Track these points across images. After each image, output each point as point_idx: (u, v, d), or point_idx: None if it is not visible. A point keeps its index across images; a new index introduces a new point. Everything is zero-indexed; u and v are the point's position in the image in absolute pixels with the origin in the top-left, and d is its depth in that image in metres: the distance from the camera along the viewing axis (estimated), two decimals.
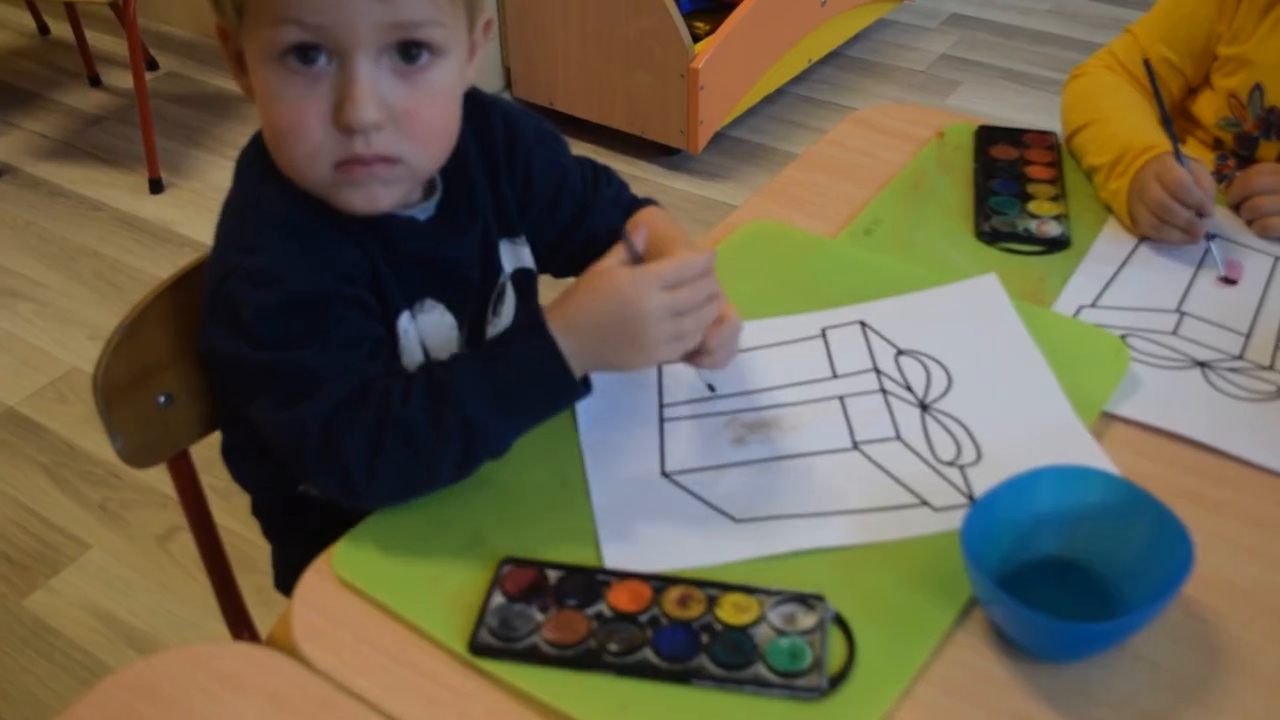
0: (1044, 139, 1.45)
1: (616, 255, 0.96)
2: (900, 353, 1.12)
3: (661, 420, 1.05)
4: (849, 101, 3.19)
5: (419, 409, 0.89)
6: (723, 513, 0.96)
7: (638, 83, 2.79)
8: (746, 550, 0.93)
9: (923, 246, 1.26)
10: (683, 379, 1.08)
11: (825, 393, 1.08)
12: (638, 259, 0.97)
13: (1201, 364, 1.12)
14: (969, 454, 1.02)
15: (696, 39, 2.74)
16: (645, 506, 0.96)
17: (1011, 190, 1.35)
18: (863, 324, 1.15)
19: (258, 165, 0.97)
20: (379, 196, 0.93)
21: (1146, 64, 1.32)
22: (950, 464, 1.01)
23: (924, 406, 1.06)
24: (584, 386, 0.93)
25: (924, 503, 0.96)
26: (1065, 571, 0.90)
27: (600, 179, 1.16)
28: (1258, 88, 1.36)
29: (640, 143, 2.90)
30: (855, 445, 1.02)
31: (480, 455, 0.93)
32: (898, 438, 1.03)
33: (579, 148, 2.98)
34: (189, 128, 3.15)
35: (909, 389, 1.08)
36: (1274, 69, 1.35)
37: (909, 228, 1.30)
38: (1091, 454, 1.00)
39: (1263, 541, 0.95)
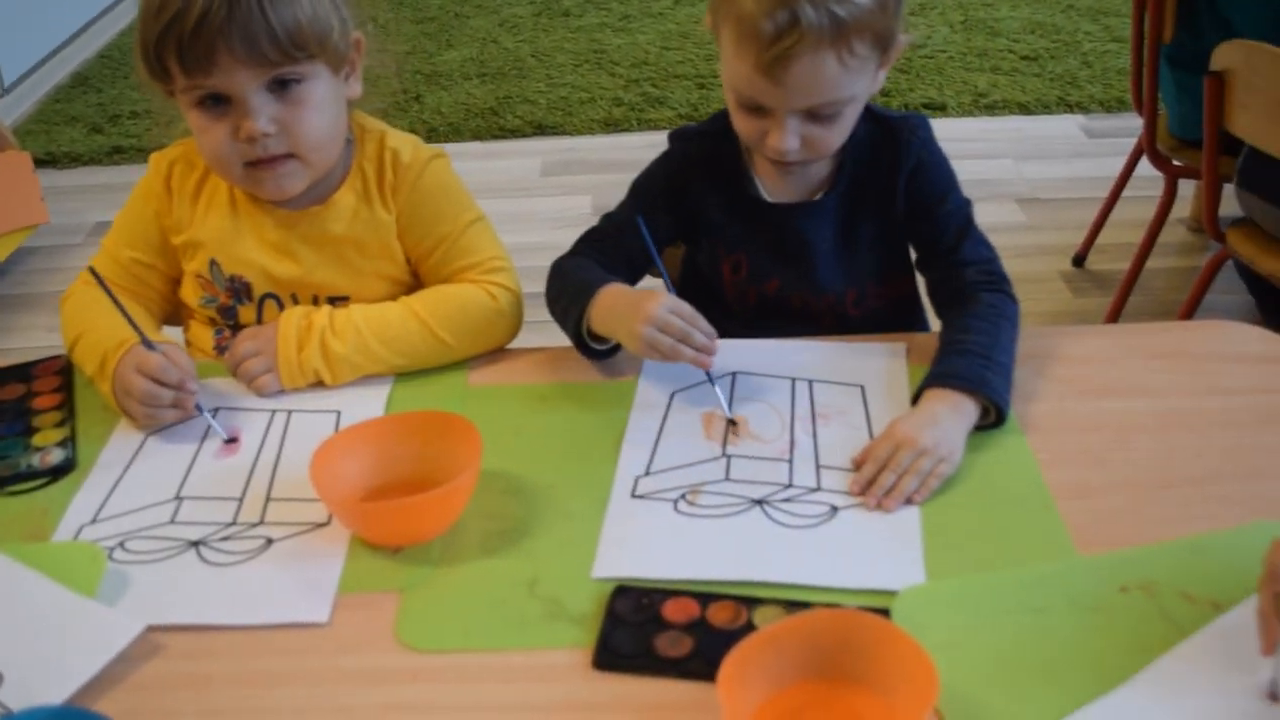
0: (53, 365, 1.47)
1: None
2: None
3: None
4: (4, 343, 3.07)
5: None
6: None
7: None
8: None
9: None
10: None
11: None
12: None
13: (195, 542, 1.18)
14: None
15: None
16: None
17: (16, 430, 1.35)
18: None
19: None
20: None
21: (91, 268, 1.38)
22: None
23: None
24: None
25: None
26: None
27: None
28: (214, 263, 1.46)
29: None
30: None
31: None
32: None
33: None
34: None
35: None
36: (218, 244, 1.46)
37: None
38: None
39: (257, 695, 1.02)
